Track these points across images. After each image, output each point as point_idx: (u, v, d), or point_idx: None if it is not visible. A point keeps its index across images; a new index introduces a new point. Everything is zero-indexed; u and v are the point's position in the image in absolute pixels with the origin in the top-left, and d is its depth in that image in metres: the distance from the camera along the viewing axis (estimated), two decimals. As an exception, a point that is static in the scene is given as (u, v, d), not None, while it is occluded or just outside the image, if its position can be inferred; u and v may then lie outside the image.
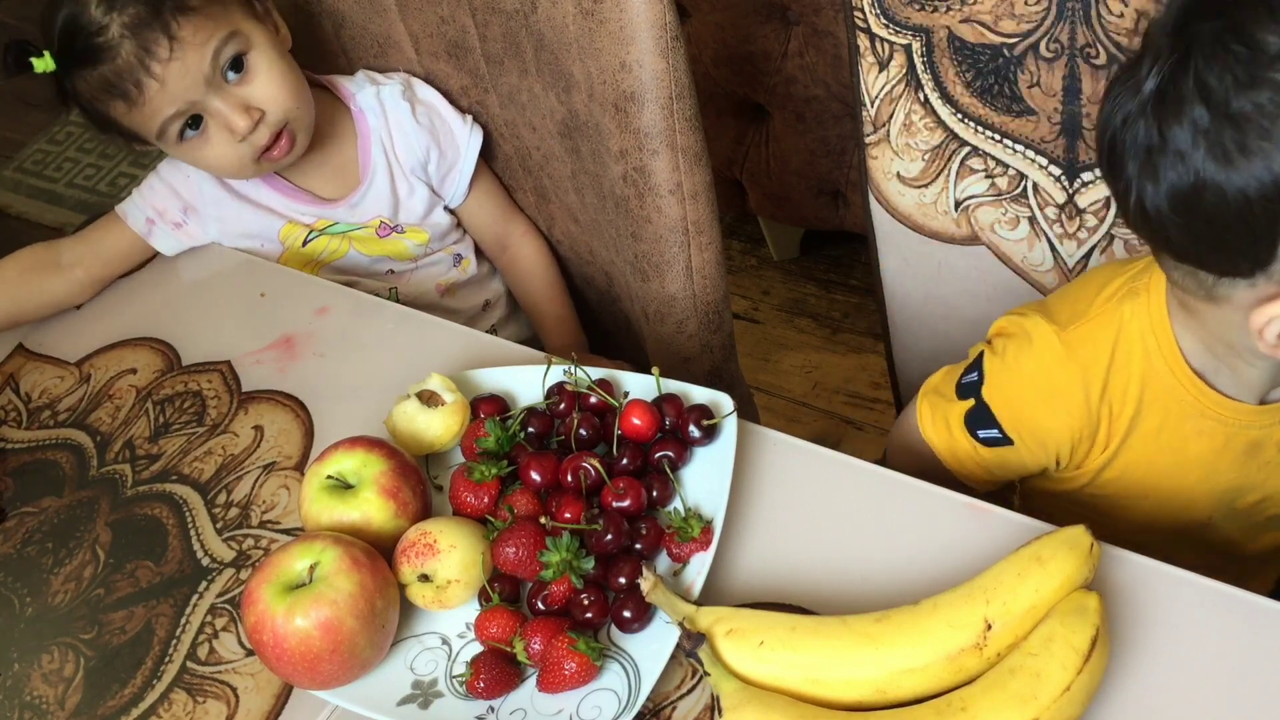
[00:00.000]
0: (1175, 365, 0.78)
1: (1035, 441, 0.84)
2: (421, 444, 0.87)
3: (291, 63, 1.06)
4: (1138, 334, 0.78)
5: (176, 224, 1.13)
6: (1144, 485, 0.84)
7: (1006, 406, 0.84)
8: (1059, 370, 0.80)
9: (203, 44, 0.99)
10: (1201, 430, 0.79)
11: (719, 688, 0.70)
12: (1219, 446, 0.80)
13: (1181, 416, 0.79)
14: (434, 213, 1.18)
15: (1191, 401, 0.78)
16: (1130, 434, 0.81)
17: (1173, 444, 0.81)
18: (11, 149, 2.58)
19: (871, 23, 0.92)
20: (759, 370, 1.85)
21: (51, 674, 0.85)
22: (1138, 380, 0.79)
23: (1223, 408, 0.78)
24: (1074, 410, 0.81)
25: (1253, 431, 0.79)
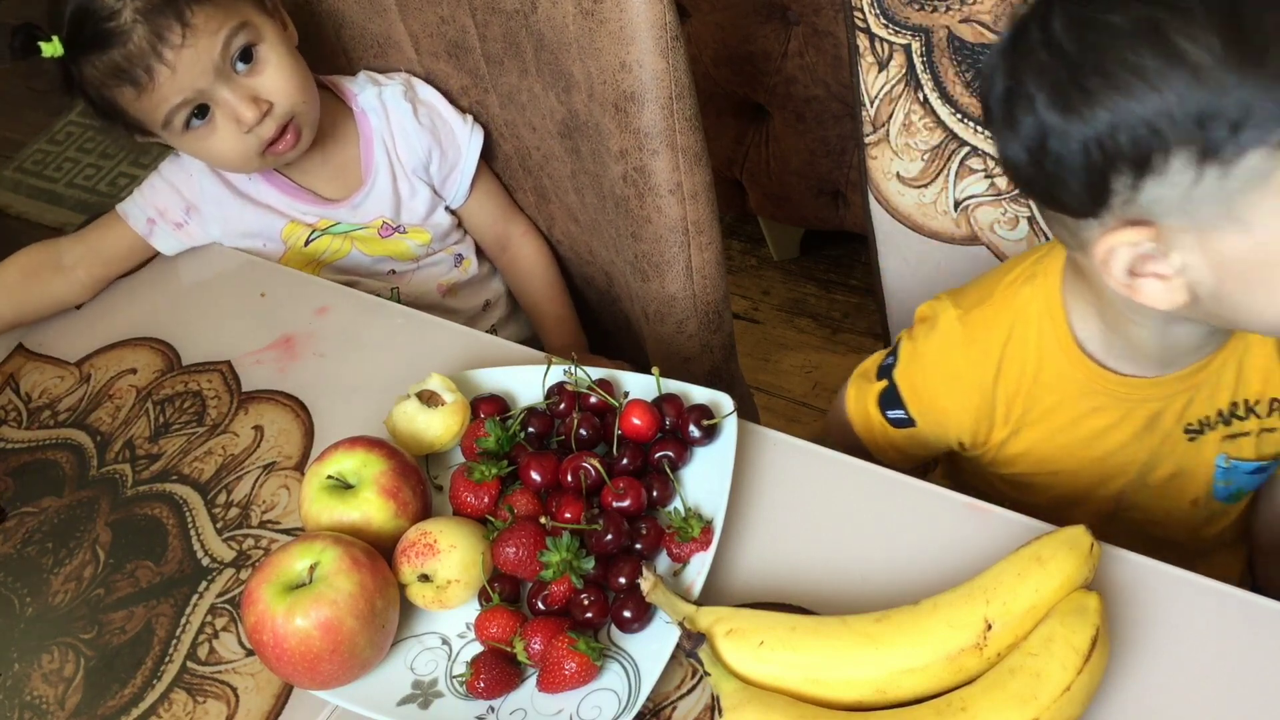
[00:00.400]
0: (1067, 345, 0.80)
1: (935, 423, 0.87)
2: (421, 444, 0.87)
3: (299, 58, 1.06)
4: (1034, 316, 0.80)
5: (178, 224, 1.13)
6: (1050, 462, 0.86)
7: (911, 388, 0.87)
8: (957, 353, 0.84)
9: (214, 32, 0.99)
10: (1097, 407, 0.81)
11: (719, 688, 0.70)
12: (1116, 422, 0.82)
13: (1077, 395, 0.81)
14: (435, 213, 1.19)
15: (1084, 380, 0.80)
16: (1028, 413, 0.83)
17: (1071, 422, 0.82)
18: (11, 149, 2.58)
19: (871, 23, 0.92)
20: (759, 370, 1.85)
21: (51, 674, 0.85)
22: (1033, 361, 0.81)
23: (1116, 385, 0.80)
24: (970, 392, 0.84)
25: (1150, 405, 0.80)
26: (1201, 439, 0.82)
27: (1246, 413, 0.81)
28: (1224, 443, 0.82)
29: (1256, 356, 0.79)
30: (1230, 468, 0.83)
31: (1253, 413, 0.81)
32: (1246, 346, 0.79)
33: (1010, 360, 0.82)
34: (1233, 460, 0.83)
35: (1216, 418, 0.81)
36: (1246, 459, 0.83)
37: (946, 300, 0.85)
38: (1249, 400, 0.80)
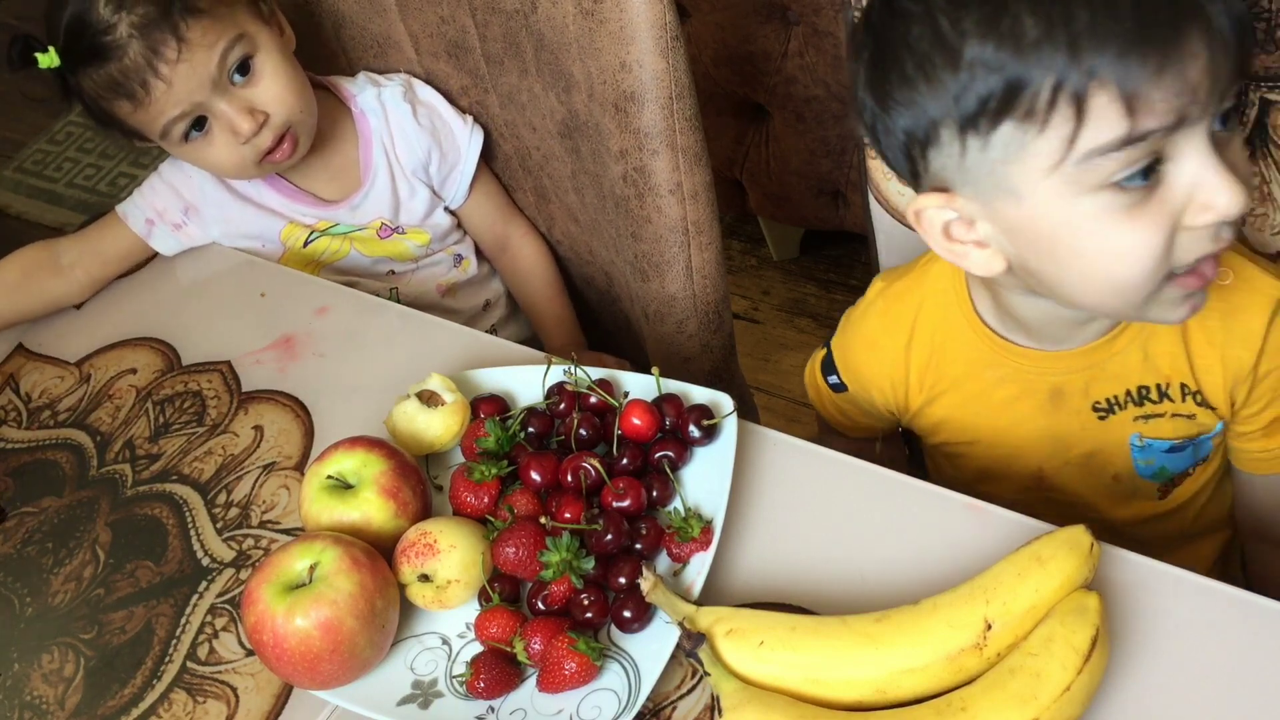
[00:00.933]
0: (968, 317, 0.83)
1: (861, 388, 0.92)
2: (421, 444, 0.87)
3: (296, 65, 1.06)
4: (942, 289, 0.85)
5: (177, 225, 1.13)
6: (968, 431, 0.89)
7: (841, 355, 0.93)
8: (876, 322, 0.89)
9: (210, 46, 0.99)
10: (1001, 378, 0.84)
11: (719, 688, 0.70)
12: (1018, 393, 0.84)
13: (982, 366, 0.84)
14: (435, 214, 1.19)
15: (986, 351, 0.83)
16: (939, 382, 0.87)
17: (978, 392, 0.85)
18: (11, 149, 2.58)
19: (871, 23, 0.92)
20: (759, 370, 1.85)
21: (51, 674, 0.85)
22: (941, 331, 0.85)
23: (1015, 356, 0.82)
24: (885, 359, 0.89)
25: (1049, 378, 0.82)
26: (1112, 418, 0.83)
27: (1160, 396, 0.82)
28: (1137, 423, 0.83)
29: (1162, 342, 0.80)
30: (1145, 446, 0.84)
31: (1166, 397, 0.82)
32: (1152, 333, 0.80)
33: (921, 330, 0.86)
34: (1147, 439, 0.84)
35: (1126, 399, 0.82)
36: (1163, 438, 0.84)
37: (883, 276, 0.91)
38: (1160, 384, 0.81)
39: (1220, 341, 0.79)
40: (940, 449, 0.94)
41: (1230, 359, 0.79)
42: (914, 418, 0.91)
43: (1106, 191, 0.64)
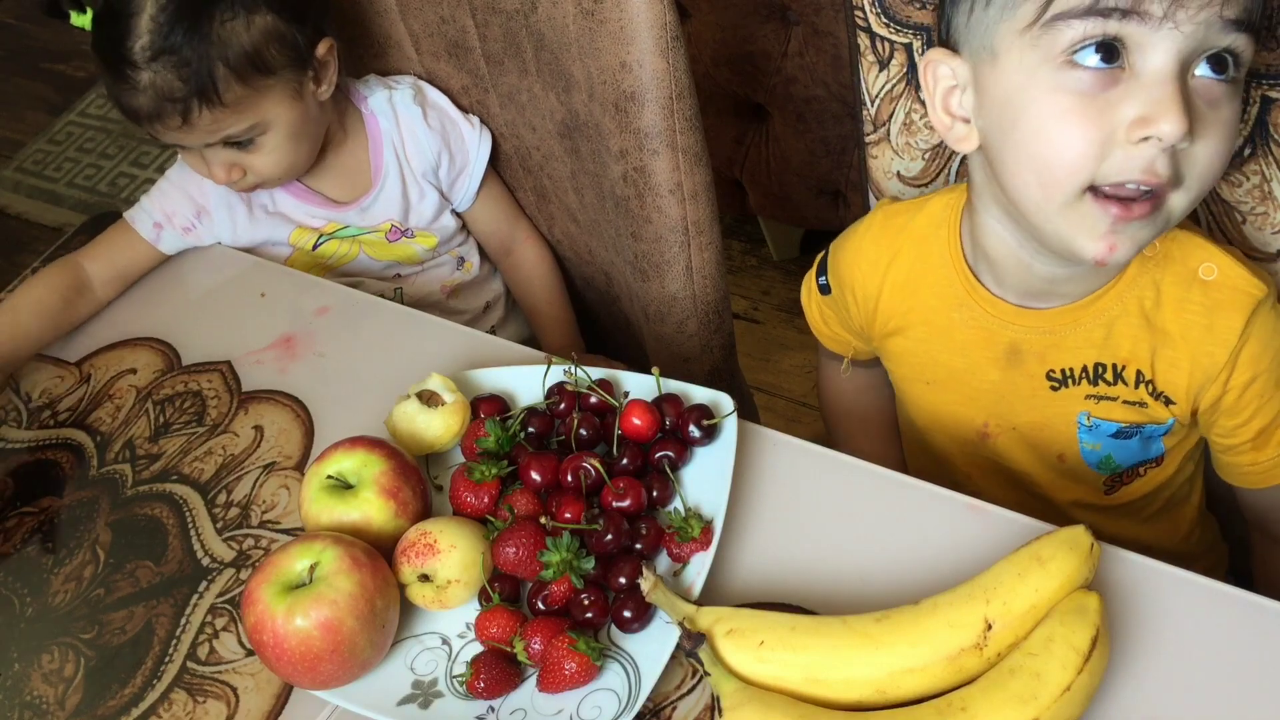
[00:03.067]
0: (953, 250, 0.85)
1: (840, 294, 0.94)
2: (421, 444, 0.87)
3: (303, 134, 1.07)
4: (935, 220, 0.87)
5: (186, 228, 1.13)
6: (924, 368, 0.90)
7: (833, 258, 0.95)
8: (868, 238, 0.91)
9: (214, 131, 1.01)
10: (966, 320, 0.85)
11: (719, 688, 0.70)
12: (980, 340, 0.85)
13: (952, 303, 0.85)
14: (442, 216, 1.19)
15: (960, 289, 0.84)
16: (910, 312, 0.88)
17: (943, 329, 0.87)
18: (11, 149, 2.58)
19: (872, 22, 0.92)
20: (759, 370, 1.84)
21: (51, 674, 0.85)
22: (923, 261, 0.87)
23: (983, 300, 0.84)
24: (865, 271, 0.90)
25: (1010, 331, 0.83)
26: (1065, 391, 0.84)
27: (1114, 378, 0.82)
28: (1088, 401, 0.83)
29: (1128, 324, 0.80)
30: (1092, 426, 0.84)
31: (1120, 379, 0.82)
32: (1122, 310, 0.80)
33: (904, 254, 0.88)
34: (1095, 419, 0.84)
35: (1081, 374, 0.82)
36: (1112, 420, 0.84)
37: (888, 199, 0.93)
38: (1116, 365, 0.81)
39: (1195, 338, 0.78)
40: (899, 384, 0.96)
41: (1201, 355, 0.78)
42: (882, 341, 0.92)
43: (1065, 69, 0.67)
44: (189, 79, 0.96)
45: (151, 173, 2.38)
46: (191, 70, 0.96)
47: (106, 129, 2.54)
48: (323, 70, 1.06)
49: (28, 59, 2.76)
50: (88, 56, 2.82)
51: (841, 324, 0.97)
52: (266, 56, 0.99)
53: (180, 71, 0.96)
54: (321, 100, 1.08)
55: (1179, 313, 0.78)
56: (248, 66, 0.98)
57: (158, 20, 0.95)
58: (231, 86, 0.98)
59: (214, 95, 0.97)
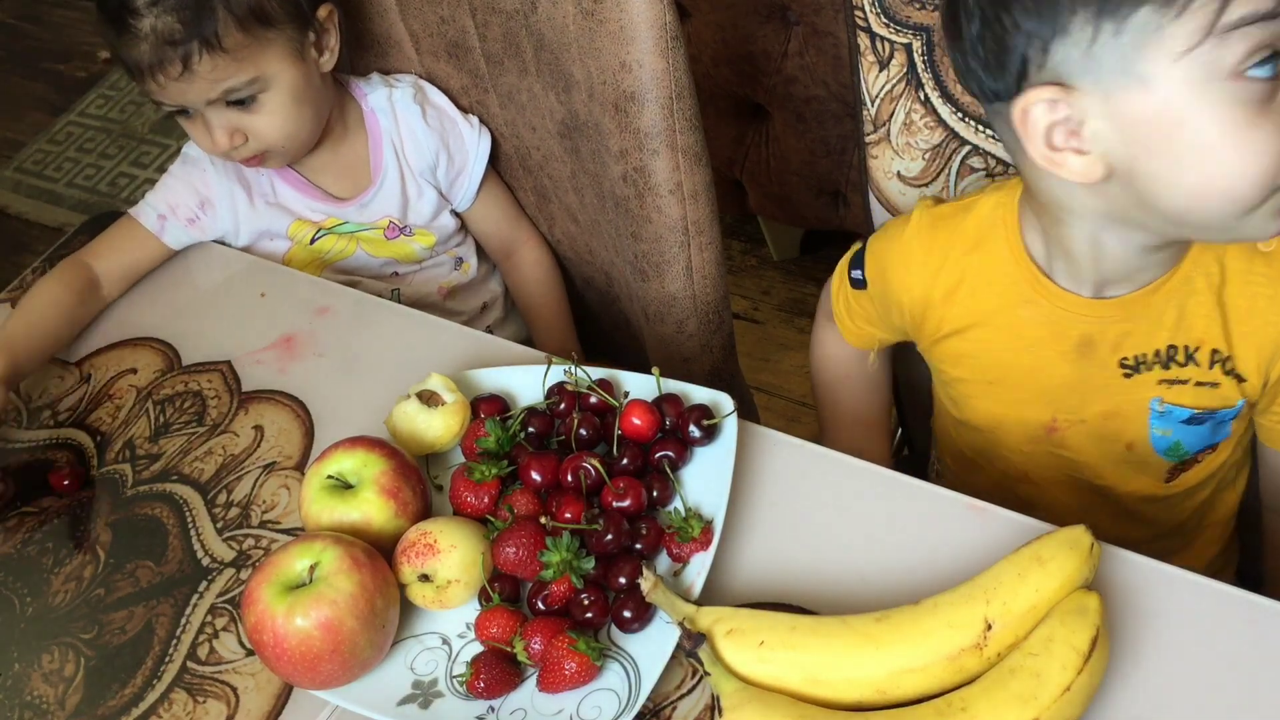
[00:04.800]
0: (1015, 249, 0.83)
1: (882, 293, 0.92)
2: (421, 444, 0.87)
3: (308, 102, 1.07)
4: (990, 221, 0.84)
5: (191, 219, 1.13)
6: (988, 370, 0.88)
7: (874, 255, 0.93)
8: (915, 240, 0.88)
9: (215, 81, 1.00)
10: (1034, 317, 0.83)
11: (719, 688, 0.70)
12: (1050, 336, 0.83)
13: (1017, 301, 0.83)
14: (441, 216, 1.19)
15: (1026, 286, 0.83)
16: (970, 312, 0.86)
17: (1010, 328, 0.85)
18: (11, 149, 2.58)
19: (872, 22, 0.92)
20: (759, 370, 1.84)
21: (52, 674, 0.85)
22: (980, 260, 0.85)
23: (1053, 295, 0.82)
24: (915, 276, 0.88)
25: (1083, 325, 0.82)
26: (1137, 378, 0.83)
27: (1186, 359, 0.81)
28: (1160, 386, 0.83)
29: (1199, 303, 0.79)
30: (1165, 412, 0.84)
31: (1192, 360, 0.81)
32: (1191, 290, 0.79)
33: (957, 255, 0.86)
34: (1168, 405, 0.83)
35: (1154, 358, 0.82)
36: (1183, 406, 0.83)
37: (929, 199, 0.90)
38: (1189, 346, 0.81)
39: (1262, 309, 0.78)
40: (956, 386, 0.92)
41: (1270, 326, 0.78)
42: (934, 344, 0.90)
43: (1235, 82, 0.64)
44: (189, 22, 0.97)
45: (151, 173, 2.38)
46: (191, 14, 0.96)
47: (106, 129, 2.54)
48: (324, 36, 1.07)
49: (28, 59, 2.76)
50: (88, 56, 2.83)
51: (870, 320, 0.96)
52: (267, 7, 1.00)
53: (181, 15, 0.96)
54: (324, 70, 1.08)
55: (1244, 286, 0.78)
56: (249, 14, 0.99)
57: None
58: (231, 31, 0.98)
59: (214, 40, 0.97)
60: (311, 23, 1.05)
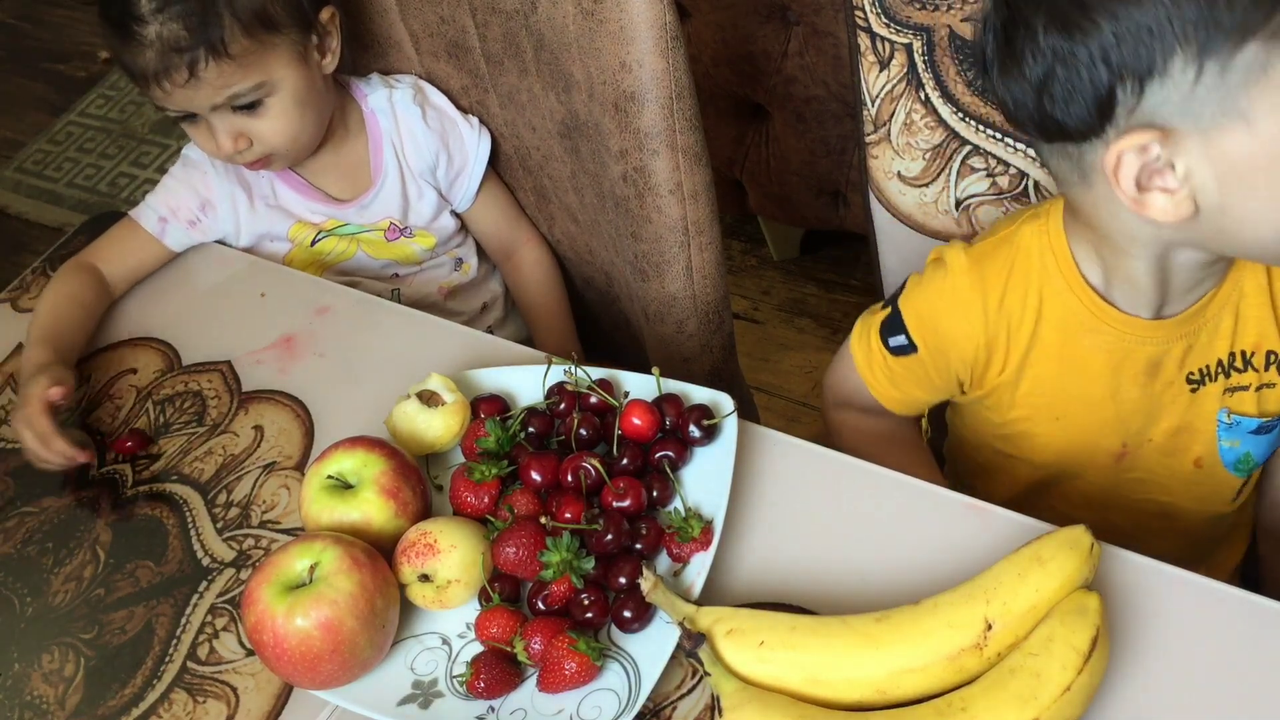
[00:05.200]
0: (1071, 278, 0.80)
1: (936, 349, 0.87)
2: (421, 444, 0.87)
3: (309, 103, 1.06)
4: (1036, 251, 0.81)
5: (191, 222, 1.13)
6: (1052, 405, 0.86)
7: (915, 314, 0.88)
8: (963, 281, 0.84)
9: (221, 87, 1.00)
10: (1099, 345, 0.81)
11: (719, 688, 0.70)
12: (1117, 362, 0.82)
13: (1079, 331, 0.82)
14: (441, 216, 1.19)
15: (1087, 315, 0.81)
16: (1031, 349, 0.84)
17: (1073, 359, 0.83)
18: (11, 149, 2.58)
19: (872, 22, 0.92)
20: (759, 370, 1.84)
21: (52, 674, 0.85)
22: (1035, 294, 0.82)
23: (1117, 321, 0.80)
24: (974, 319, 0.84)
25: (1149, 347, 0.81)
26: (1203, 390, 0.82)
27: (1244, 364, 0.81)
28: (1225, 396, 0.82)
29: (1251, 306, 0.79)
30: (1233, 424, 0.83)
31: (1250, 365, 0.81)
32: (1241, 294, 0.79)
33: (1013, 290, 0.83)
34: (1235, 416, 0.83)
35: (1216, 368, 0.81)
36: (1248, 415, 0.83)
37: (956, 243, 0.87)
38: (1245, 351, 0.81)
39: None
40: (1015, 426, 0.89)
41: None
42: (995, 388, 0.87)
43: None
44: (195, 29, 0.96)
45: (151, 173, 2.38)
46: (198, 20, 0.96)
47: (106, 129, 2.54)
48: (326, 38, 1.07)
49: (28, 59, 2.76)
50: (88, 56, 2.83)
51: (920, 383, 0.90)
52: (271, 11, 1.00)
53: (187, 21, 0.96)
54: (326, 72, 1.08)
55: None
56: (253, 19, 0.99)
57: None
58: (237, 38, 0.98)
59: (220, 47, 0.97)
60: (314, 25, 1.05)
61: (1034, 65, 0.68)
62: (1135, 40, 0.63)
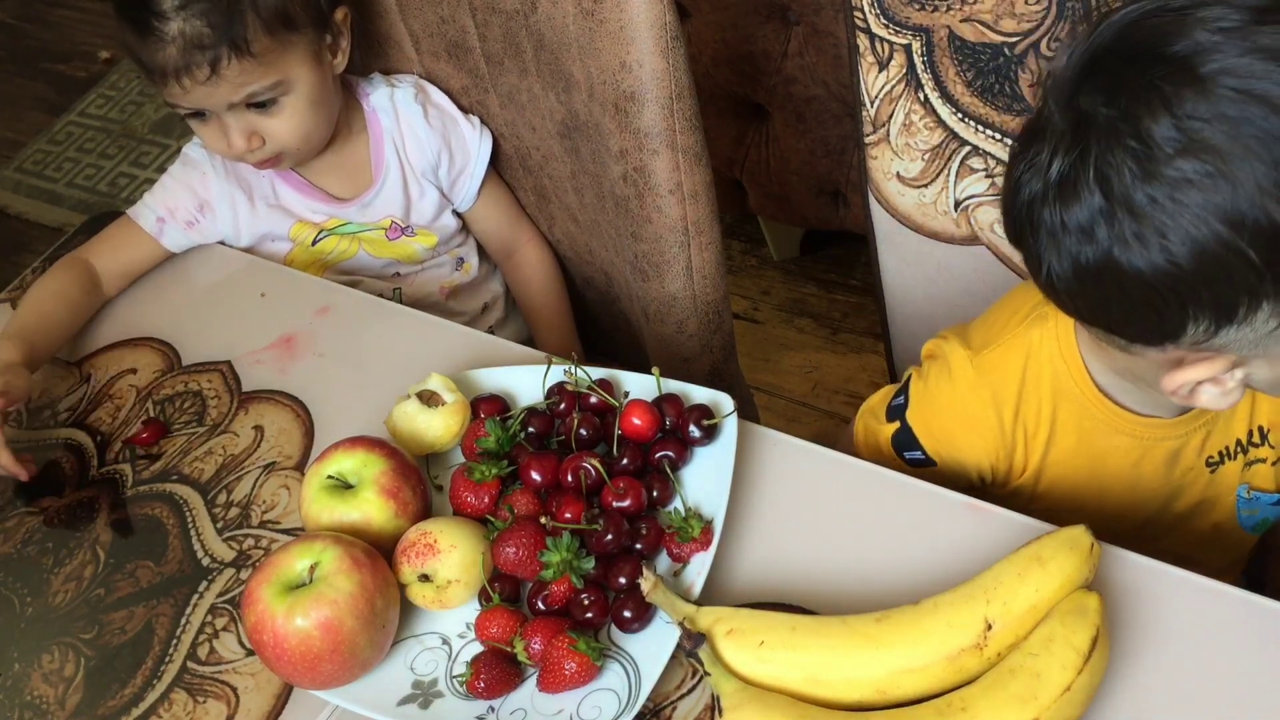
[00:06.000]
0: (1084, 387, 0.79)
1: (955, 463, 0.87)
2: (421, 444, 0.87)
3: (324, 105, 1.07)
4: (1046, 357, 0.80)
5: (189, 222, 1.13)
6: (1072, 500, 0.85)
7: (926, 430, 0.86)
8: (972, 395, 0.83)
9: (241, 85, 1.00)
10: (1117, 446, 0.81)
11: (719, 688, 0.70)
12: (1137, 459, 0.81)
13: (1095, 434, 0.81)
14: (443, 216, 1.19)
15: (1104, 420, 0.80)
16: (1049, 454, 0.83)
17: (1091, 460, 0.82)
18: (11, 149, 2.58)
19: (871, 23, 0.92)
20: (759, 370, 1.84)
21: (52, 674, 0.85)
22: (1049, 402, 0.81)
23: (1135, 424, 0.79)
24: (988, 434, 0.83)
25: (1168, 443, 0.80)
26: (1222, 469, 0.82)
27: (1261, 439, 0.81)
28: (1244, 471, 0.82)
29: None
30: (1252, 499, 0.83)
31: (1266, 440, 0.81)
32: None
33: (1027, 401, 0.82)
34: (1254, 491, 0.83)
35: (1236, 447, 0.81)
36: (1266, 490, 0.83)
37: (954, 340, 0.85)
38: (1263, 427, 0.80)
39: None
40: (1036, 512, 0.87)
41: None
42: (1013, 488, 0.87)
43: None
44: (219, 26, 0.96)
45: (151, 173, 2.38)
46: (222, 18, 0.96)
47: (106, 129, 2.54)
48: (339, 37, 1.07)
49: (28, 59, 2.76)
50: (88, 56, 2.83)
51: (941, 483, 0.87)
52: (292, 11, 1.00)
53: (210, 19, 0.96)
54: (336, 72, 1.08)
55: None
56: (275, 19, 0.99)
57: None
58: (260, 37, 0.98)
59: (243, 44, 0.97)
60: (329, 25, 1.05)
61: (1084, 263, 0.65)
62: (1219, 287, 0.61)
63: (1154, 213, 0.61)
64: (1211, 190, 0.59)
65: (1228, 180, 0.59)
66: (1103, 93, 0.62)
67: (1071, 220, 0.64)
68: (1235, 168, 0.59)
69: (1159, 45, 0.61)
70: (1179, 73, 0.60)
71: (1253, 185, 0.58)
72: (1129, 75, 0.62)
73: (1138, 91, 0.61)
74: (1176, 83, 0.59)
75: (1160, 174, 0.60)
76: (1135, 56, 0.62)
